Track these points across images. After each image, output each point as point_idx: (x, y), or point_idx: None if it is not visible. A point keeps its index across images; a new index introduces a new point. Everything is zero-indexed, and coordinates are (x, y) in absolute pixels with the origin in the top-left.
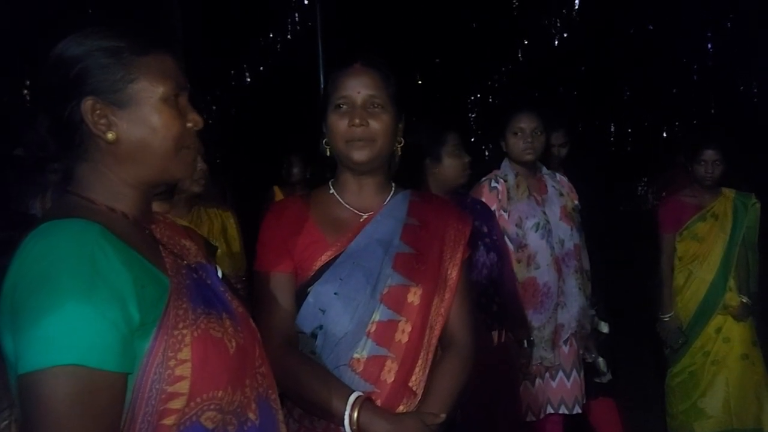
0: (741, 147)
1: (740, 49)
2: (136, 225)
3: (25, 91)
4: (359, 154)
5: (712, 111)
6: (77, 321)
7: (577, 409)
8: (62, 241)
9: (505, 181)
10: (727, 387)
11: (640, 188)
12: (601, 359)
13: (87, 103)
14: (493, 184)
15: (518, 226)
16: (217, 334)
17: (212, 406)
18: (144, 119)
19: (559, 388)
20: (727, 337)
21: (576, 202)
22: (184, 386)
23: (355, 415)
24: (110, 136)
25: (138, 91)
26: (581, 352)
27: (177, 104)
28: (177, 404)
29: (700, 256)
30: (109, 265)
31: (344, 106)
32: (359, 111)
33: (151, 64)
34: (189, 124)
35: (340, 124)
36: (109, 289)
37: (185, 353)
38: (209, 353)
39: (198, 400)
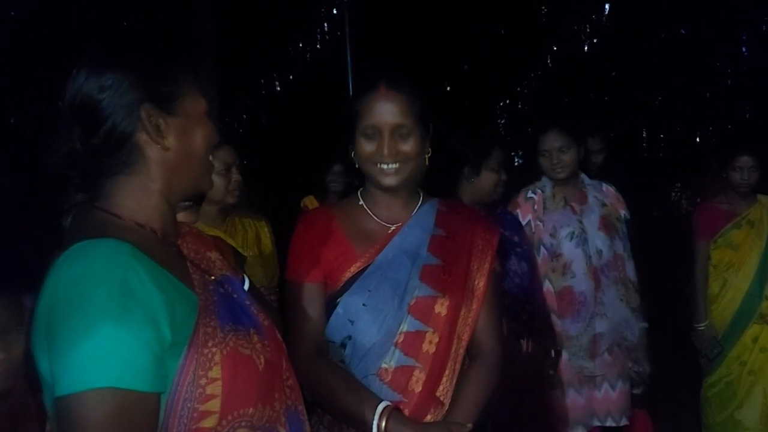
0: None
1: None
2: (164, 241)
3: (61, 103)
4: (389, 180)
5: (747, 115)
6: (112, 344)
7: (625, 421)
8: (95, 263)
9: (543, 192)
10: (764, 398)
11: (673, 194)
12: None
13: (145, 109)
14: (530, 194)
15: (552, 235)
16: (245, 351)
17: (243, 423)
18: (192, 130)
19: (605, 399)
20: (764, 346)
21: (623, 211)
22: (215, 405)
23: (384, 424)
24: (167, 142)
25: (187, 106)
26: (630, 364)
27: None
28: (209, 423)
29: (736, 264)
30: (141, 286)
31: (372, 133)
32: (388, 141)
33: (191, 82)
34: None
35: (367, 148)
36: (142, 311)
37: (215, 372)
38: (239, 371)
39: (229, 417)
